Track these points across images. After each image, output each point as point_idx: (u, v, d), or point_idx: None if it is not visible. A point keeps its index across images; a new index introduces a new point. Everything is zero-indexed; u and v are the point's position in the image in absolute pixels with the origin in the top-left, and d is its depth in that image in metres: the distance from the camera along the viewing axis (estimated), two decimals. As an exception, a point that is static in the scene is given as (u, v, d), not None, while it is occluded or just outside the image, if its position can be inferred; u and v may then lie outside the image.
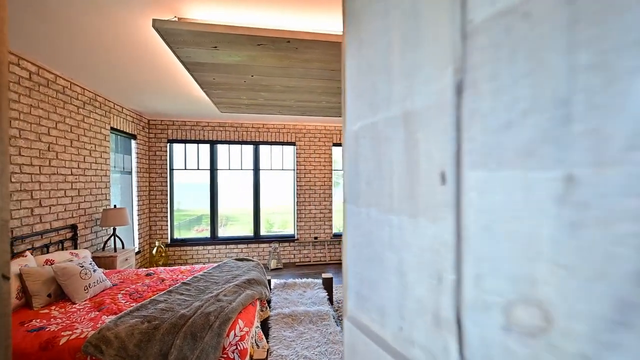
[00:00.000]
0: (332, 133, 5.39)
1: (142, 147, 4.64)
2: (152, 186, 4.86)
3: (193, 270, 3.04)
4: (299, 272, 4.74)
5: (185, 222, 5.48)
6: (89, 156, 3.29)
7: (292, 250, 5.27)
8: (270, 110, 3.87)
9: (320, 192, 5.35)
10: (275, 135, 5.22)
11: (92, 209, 3.35)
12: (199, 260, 4.99)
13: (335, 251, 5.39)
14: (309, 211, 5.32)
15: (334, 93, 3.10)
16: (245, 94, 3.12)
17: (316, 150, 5.35)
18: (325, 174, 5.37)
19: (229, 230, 5.50)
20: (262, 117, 4.76)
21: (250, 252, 5.13)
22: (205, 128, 5.02)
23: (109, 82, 3.12)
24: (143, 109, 4.25)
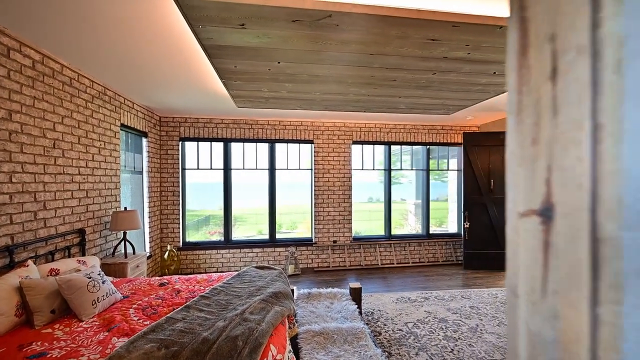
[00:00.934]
0: (352, 130, 5.08)
1: (154, 145, 4.40)
2: (163, 187, 4.62)
3: (210, 279, 2.76)
4: (317, 278, 4.44)
5: (192, 222, 5.23)
6: (98, 154, 3.05)
7: (310, 254, 4.97)
8: (292, 105, 3.57)
9: (340, 193, 5.05)
10: (292, 132, 4.93)
11: (101, 211, 3.10)
12: (212, 265, 4.73)
13: (356, 256, 5.07)
14: (327, 213, 5.02)
15: (365, 84, 2.79)
16: (267, 85, 2.83)
17: (335, 149, 5.04)
18: (345, 173, 5.06)
19: (239, 230, 5.24)
20: (279, 113, 4.47)
21: (265, 256, 4.85)
22: (219, 125, 4.76)
23: (119, 74, 2.87)
24: (154, 104, 4.01)
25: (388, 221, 5.31)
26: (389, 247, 5.19)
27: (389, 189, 5.32)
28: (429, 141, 5.32)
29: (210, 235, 5.31)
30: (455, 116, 4.63)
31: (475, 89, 2.94)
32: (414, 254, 5.26)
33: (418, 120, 5.03)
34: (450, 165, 5.69)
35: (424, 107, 3.66)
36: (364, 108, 3.72)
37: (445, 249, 5.35)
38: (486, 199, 4.71)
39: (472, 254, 4.75)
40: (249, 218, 5.66)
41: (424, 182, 5.50)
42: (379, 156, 5.38)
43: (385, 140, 5.18)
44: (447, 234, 5.57)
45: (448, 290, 3.83)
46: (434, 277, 4.49)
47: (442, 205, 6.37)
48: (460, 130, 5.39)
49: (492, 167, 4.71)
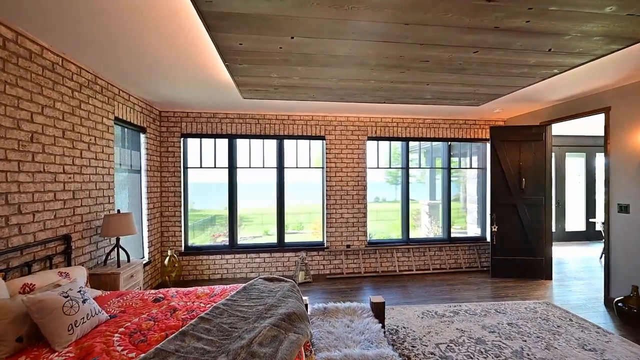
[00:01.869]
0: (367, 125, 4.68)
1: (153, 142, 4.06)
2: (164, 187, 4.28)
3: (212, 293, 2.39)
4: (331, 286, 4.06)
5: (199, 222, 4.90)
6: (87, 150, 2.71)
7: (322, 260, 4.59)
8: (303, 95, 3.18)
9: (353, 194, 4.65)
10: (302, 128, 4.55)
11: (91, 214, 2.76)
12: (216, 272, 4.38)
13: (371, 261, 4.67)
14: (340, 215, 4.63)
15: (391, 66, 2.39)
16: (277, 69, 2.45)
17: (348, 145, 4.65)
18: (359, 172, 4.66)
19: (245, 230, 4.89)
20: (288, 106, 4.10)
21: (273, 262, 4.48)
22: (224, 120, 4.40)
23: (112, 60, 2.52)
24: (153, 97, 3.66)
25: (406, 224, 4.89)
26: (407, 252, 4.78)
27: (407, 189, 4.90)
28: (451, 137, 4.88)
29: (215, 238, 4.98)
30: (482, 108, 4.19)
31: (519, 72, 2.52)
32: (435, 260, 4.83)
33: (439, 114, 4.60)
34: (469, 163, 5.25)
35: (452, 96, 3.24)
36: (385, 98, 3.32)
37: (468, 255, 4.92)
38: (516, 199, 4.26)
39: (500, 261, 4.31)
40: (255, 218, 5.32)
41: (444, 182, 5.07)
42: (387, 154, 4.97)
43: (402, 135, 4.77)
44: (470, 237, 5.13)
45: (479, 303, 3.40)
46: (459, 286, 4.06)
47: (454, 205, 5.94)
48: (485, 124, 4.95)
49: (524, 164, 4.26)
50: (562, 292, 3.81)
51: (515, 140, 4.27)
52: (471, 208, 5.82)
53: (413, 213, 7.99)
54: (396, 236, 6.38)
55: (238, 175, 4.57)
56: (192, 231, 4.70)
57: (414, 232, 5.91)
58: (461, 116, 4.76)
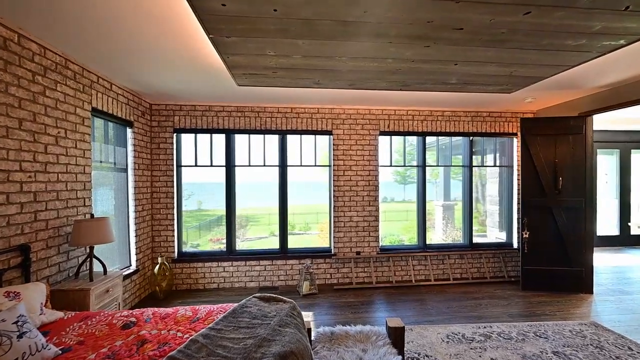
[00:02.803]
0: (379, 118, 4.20)
1: (143, 137, 3.68)
2: (155, 187, 3.90)
3: (195, 317, 1.97)
4: (338, 299, 3.60)
5: (204, 223, 4.52)
6: (54, 145, 2.32)
7: (329, 268, 4.14)
8: (307, 79, 2.73)
9: (364, 195, 4.18)
10: (307, 121, 4.11)
11: (60, 219, 2.37)
12: (213, 281, 3.97)
13: (383, 270, 4.20)
14: (349, 218, 4.17)
15: (415, 38, 1.93)
16: (273, 44, 2.01)
17: (358, 141, 4.18)
18: (370, 170, 4.19)
19: (250, 232, 4.48)
20: (291, 98, 3.66)
21: (275, 270, 4.05)
22: (220, 114, 3.99)
23: (83, 40, 2.12)
24: (141, 87, 3.28)
25: (422, 228, 4.40)
26: (423, 260, 4.29)
27: (423, 189, 4.40)
28: (472, 131, 4.37)
29: (213, 244, 4.58)
30: (512, 98, 3.68)
31: (575, 43, 2.02)
32: (455, 269, 4.33)
33: (460, 105, 4.10)
34: (491, 161, 4.72)
35: (483, 80, 2.75)
36: (402, 84, 2.85)
37: (493, 263, 4.40)
38: (552, 201, 3.73)
39: (532, 272, 3.78)
40: (262, 218, 4.91)
41: (465, 181, 4.55)
42: (402, 150, 4.48)
43: (418, 130, 4.28)
44: (494, 244, 4.60)
45: (513, 324, 2.90)
46: (485, 300, 3.56)
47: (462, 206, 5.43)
48: (512, 117, 4.41)
49: (560, 161, 3.72)
50: (609, 309, 3.27)
51: (550, 133, 3.73)
52: (491, 210, 5.29)
53: (429, 212, 7.41)
54: (408, 239, 5.88)
55: (237, 174, 4.15)
56: (197, 231, 4.33)
57: (429, 237, 5.42)
58: (485, 107, 4.24)
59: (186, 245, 4.30)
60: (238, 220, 5.69)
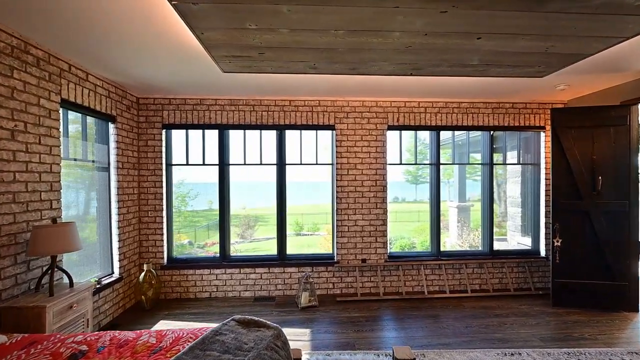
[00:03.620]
0: (387, 111, 3.78)
1: (128, 133, 3.39)
2: (142, 187, 3.61)
3: (157, 346, 1.63)
4: (341, 313, 3.21)
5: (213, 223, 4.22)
6: (9, 140, 2.03)
7: (331, 277, 3.75)
8: (300, 62, 2.35)
9: (370, 196, 3.77)
10: (307, 115, 3.73)
11: (17, 225, 2.08)
12: (205, 289, 3.65)
13: (392, 280, 3.78)
14: (353, 222, 3.77)
15: (428, 1, 1.52)
16: (253, 13, 1.64)
17: (364, 137, 3.77)
18: (377, 169, 3.78)
19: (258, 232, 4.15)
20: (288, 89, 3.30)
21: (272, 278, 3.70)
22: (212, 108, 3.67)
23: (42, 20, 1.82)
24: (123, 78, 2.98)
25: (435, 234, 3.95)
26: (437, 269, 3.84)
27: (437, 190, 3.95)
28: (494, 124, 3.88)
29: (209, 247, 4.27)
30: (541, 85, 3.19)
31: (631, 7, 1.56)
32: (474, 279, 3.86)
33: (480, 95, 3.63)
34: (515, 158, 4.22)
35: (511, 60, 2.30)
36: (412, 67, 2.43)
37: (517, 273, 3.90)
38: (588, 204, 3.22)
39: (565, 285, 3.28)
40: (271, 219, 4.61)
41: (485, 181, 4.07)
42: (413, 147, 4.04)
43: (431, 123, 3.83)
44: (518, 251, 4.10)
45: (547, 350, 2.43)
46: (510, 318, 3.09)
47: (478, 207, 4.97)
48: (539, 108, 3.90)
49: (599, 158, 3.20)
50: (662, 333, 2.76)
51: (587, 126, 3.22)
52: (512, 212, 4.78)
53: (442, 214, 6.90)
54: (420, 243, 5.42)
55: (239, 172, 3.82)
56: (206, 231, 4.04)
57: (442, 242, 4.97)
58: (508, 97, 3.76)
59: (192, 245, 4.03)
60: (245, 220, 5.34)
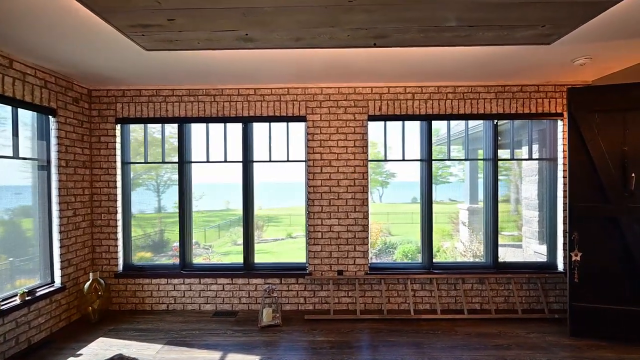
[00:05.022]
0: (367, 99, 3.25)
1: (76, 129, 3.09)
2: (95, 188, 3.30)
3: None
4: (306, 336, 2.72)
5: (224, 223, 3.89)
6: None
7: (302, 290, 3.27)
8: (226, 30, 1.90)
9: (348, 198, 3.26)
10: (275, 105, 3.28)
11: None
12: (162, 301, 3.29)
13: (374, 295, 3.24)
14: (328, 228, 3.26)
15: None
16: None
17: (340, 129, 3.26)
18: (356, 166, 3.25)
19: (266, 233, 3.75)
20: (252, 76, 2.87)
21: (236, 290, 3.27)
22: (169, 99, 3.30)
23: None
24: (60, 66, 2.66)
25: (427, 242, 3.36)
26: (428, 284, 3.25)
27: (429, 190, 3.36)
28: (497, 112, 3.24)
29: (175, 252, 3.92)
30: (554, 58, 2.55)
31: None
32: (472, 297, 3.24)
33: (479, 76, 3.01)
34: (527, 153, 3.54)
35: (502, 16, 1.71)
36: (374, 33, 1.89)
37: (527, 290, 3.24)
38: (618, 208, 2.53)
39: (587, 311, 2.60)
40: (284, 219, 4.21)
41: (488, 179, 3.43)
42: (400, 140, 3.46)
43: (421, 112, 3.25)
44: (529, 264, 3.43)
45: (554, 405, 1.83)
46: (513, 350, 2.47)
47: (503, 210, 4.31)
48: (556, 91, 3.22)
49: (632, 149, 2.51)
50: None
51: (617, 108, 2.54)
52: (529, 216, 4.09)
53: (451, 217, 6.24)
54: (410, 253, 4.86)
55: (193, 172, 3.44)
56: (219, 231, 3.71)
57: (440, 252, 4.40)
58: (515, 79, 3.11)
59: (200, 245, 3.70)
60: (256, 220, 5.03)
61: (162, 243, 3.84)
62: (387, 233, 7.85)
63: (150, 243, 3.78)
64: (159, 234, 3.85)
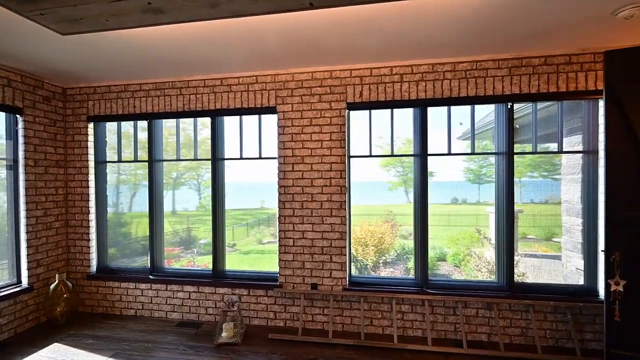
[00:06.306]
0: (346, 84, 2.76)
1: (48, 128, 3.06)
2: (70, 187, 3.26)
3: None
4: (263, 358, 2.34)
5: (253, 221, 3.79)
6: None
7: (272, 304, 2.89)
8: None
9: (323, 200, 2.80)
10: (243, 96, 2.94)
11: None
12: (130, 305, 3.15)
13: (353, 315, 2.75)
14: (300, 234, 2.84)
15: None
16: None
17: (314, 120, 2.82)
18: (333, 163, 2.79)
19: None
20: (215, 63, 2.58)
21: (202, 300, 3.00)
22: (137, 94, 3.13)
23: None
24: (23, 64, 2.61)
25: (421, 253, 2.78)
26: (419, 306, 2.67)
27: (423, 190, 2.77)
28: (512, 92, 2.55)
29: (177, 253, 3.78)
30: (587, 13, 1.85)
31: None
32: (477, 325, 2.59)
33: (486, 48, 2.37)
34: (556, 144, 2.76)
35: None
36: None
37: (552, 322, 2.50)
38: (684, 221, 1.76)
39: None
40: None
41: (501, 176, 2.75)
42: (389, 131, 2.89)
43: (412, 97, 2.68)
44: (558, 288, 2.68)
45: None
46: (520, 406, 1.83)
47: (537, 211, 3.56)
48: (594, 62, 2.43)
49: None
50: None
51: (681, 75, 1.76)
52: (570, 224, 3.25)
53: (482, 219, 5.48)
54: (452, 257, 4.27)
55: (161, 170, 3.25)
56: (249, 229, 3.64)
57: (465, 262, 3.75)
58: (534, 48, 2.40)
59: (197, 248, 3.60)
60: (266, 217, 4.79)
61: (139, 246, 3.72)
62: (408, 236, 7.15)
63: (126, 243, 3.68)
64: (134, 235, 3.73)
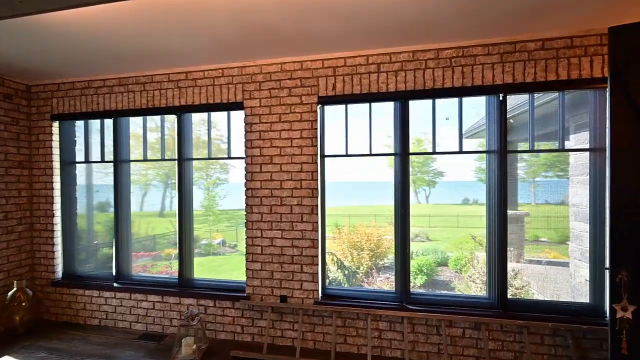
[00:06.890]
0: (318, 75, 2.49)
1: (8, 127, 2.91)
2: (34, 189, 3.11)
3: None
4: (220, 382, 2.11)
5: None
6: None
7: (239, 317, 2.66)
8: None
9: (293, 204, 2.54)
10: (208, 91, 2.71)
11: None
12: (94, 314, 2.97)
13: (325, 331, 2.48)
14: (269, 241, 2.59)
15: None
16: None
17: (284, 116, 2.56)
18: (303, 163, 2.52)
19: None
20: (176, 54, 2.36)
21: (167, 310, 2.80)
22: (101, 90, 2.95)
23: None
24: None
25: (401, 262, 2.48)
26: (398, 323, 2.38)
27: (403, 192, 2.47)
28: (506, 82, 2.22)
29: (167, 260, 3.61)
30: (580, -20, 1.53)
31: None
32: (464, 347, 2.28)
33: (472, 31, 2.06)
34: (558, 142, 2.42)
35: None
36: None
37: (550, 347, 2.17)
38: None
39: (645, 405, 1.53)
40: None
41: (492, 177, 2.43)
42: (367, 129, 2.60)
43: (391, 89, 2.39)
44: (560, 305, 2.33)
45: None
46: None
47: (544, 212, 3.26)
48: (599, 45, 2.08)
49: None
50: None
51: None
52: (578, 230, 2.90)
53: (477, 220, 5.21)
54: (454, 262, 4.01)
55: (127, 171, 3.06)
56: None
57: (467, 267, 3.49)
58: (529, 30, 2.07)
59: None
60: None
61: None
62: (424, 238, 6.80)
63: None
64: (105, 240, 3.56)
